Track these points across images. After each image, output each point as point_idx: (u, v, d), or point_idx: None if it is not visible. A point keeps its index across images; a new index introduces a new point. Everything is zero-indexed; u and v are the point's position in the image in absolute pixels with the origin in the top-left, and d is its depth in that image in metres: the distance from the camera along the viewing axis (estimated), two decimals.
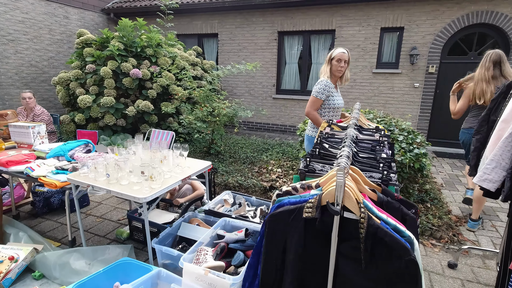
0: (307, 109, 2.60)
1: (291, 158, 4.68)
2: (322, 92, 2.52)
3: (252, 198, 2.84)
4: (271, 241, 1.06)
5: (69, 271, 2.26)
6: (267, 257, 1.06)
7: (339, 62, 2.51)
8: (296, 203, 1.04)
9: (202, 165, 2.56)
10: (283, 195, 1.18)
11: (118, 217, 3.18)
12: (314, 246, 1.03)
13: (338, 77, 2.62)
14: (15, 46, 6.51)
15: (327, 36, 6.49)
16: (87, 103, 4.60)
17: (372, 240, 0.92)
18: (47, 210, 3.22)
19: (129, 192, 2.00)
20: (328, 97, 2.56)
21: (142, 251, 2.59)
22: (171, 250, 2.07)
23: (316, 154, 1.48)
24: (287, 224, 1.03)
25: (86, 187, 2.12)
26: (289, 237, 1.03)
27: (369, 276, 0.96)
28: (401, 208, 1.05)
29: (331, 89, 2.55)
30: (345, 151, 1.09)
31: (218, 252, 1.97)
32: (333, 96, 2.57)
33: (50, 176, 2.35)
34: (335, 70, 2.55)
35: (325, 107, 2.59)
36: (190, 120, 4.17)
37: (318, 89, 2.54)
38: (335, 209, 0.93)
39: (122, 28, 4.82)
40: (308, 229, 1.02)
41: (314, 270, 1.04)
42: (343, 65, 2.53)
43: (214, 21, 7.31)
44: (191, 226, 2.42)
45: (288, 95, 7.00)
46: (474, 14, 5.31)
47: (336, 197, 0.95)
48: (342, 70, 2.55)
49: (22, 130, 2.99)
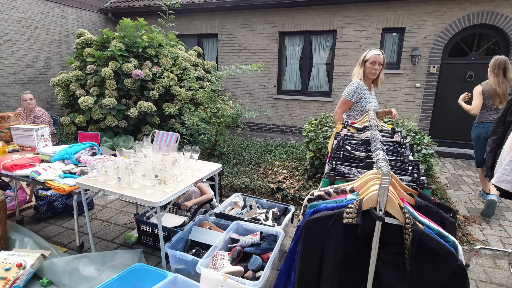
0: (336, 109, 2.55)
1: (295, 159, 4.66)
2: (353, 94, 2.44)
3: (262, 200, 2.81)
4: (307, 248, 1.03)
5: (78, 278, 2.20)
6: (303, 264, 1.03)
7: (373, 64, 2.41)
8: (333, 208, 1.01)
9: (213, 168, 2.52)
10: (315, 200, 1.15)
11: (124, 221, 3.11)
12: (352, 252, 1.01)
13: (371, 79, 2.52)
14: (12, 46, 6.38)
15: (328, 37, 6.49)
16: (88, 104, 4.51)
17: (417, 246, 0.89)
18: (51, 215, 3.14)
19: (142, 196, 1.95)
20: (360, 99, 2.46)
21: (152, 256, 2.54)
22: (185, 255, 2.03)
23: (340, 157, 1.45)
24: (325, 230, 1.00)
25: (97, 191, 2.07)
26: (327, 243, 1.00)
27: (412, 283, 0.93)
28: (440, 212, 1.03)
29: (364, 91, 2.46)
30: (380, 154, 1.07)
31: (235, 257, 1.93)
32: (365, 99, 2.46)
33: (57, 180, 2.29)
34: (369, 72, 2.45)
35: (356, 109, 2.50)
36: (194, 121, 4.12)
37: (349, 90, 2.46)
38: (379, 214, 0.90)
39: (124, 28, 4.75)
40: (346, 235, 0.99)
41: (353, 277, 1.01)
42: (377, 68, 2.42)
43: (215, 21, 7.26)
44: (203, 229, 2.38)
45: (289, 96, 6.99)
46: (475, 15, 5.36)
47: (378, 202, 0.92)
48: (376, 73, 2.44)
49: (25, 132, 2.92)
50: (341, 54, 6.35)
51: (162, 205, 1.91)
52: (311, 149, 3.60)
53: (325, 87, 6.77)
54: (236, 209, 2.70)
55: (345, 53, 6.33)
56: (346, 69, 6.38)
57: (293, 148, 5.30)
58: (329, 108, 6.67)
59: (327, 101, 6.66)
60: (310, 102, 6.83)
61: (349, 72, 6.36)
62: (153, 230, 2.58)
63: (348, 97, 2.47)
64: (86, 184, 2.12)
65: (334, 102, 6.61)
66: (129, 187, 2.07)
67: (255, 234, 2.12)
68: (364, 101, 2.46)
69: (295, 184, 3.68)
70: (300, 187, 3.58)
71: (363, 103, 2.46)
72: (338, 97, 6.56)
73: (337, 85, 6.53)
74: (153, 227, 2.57)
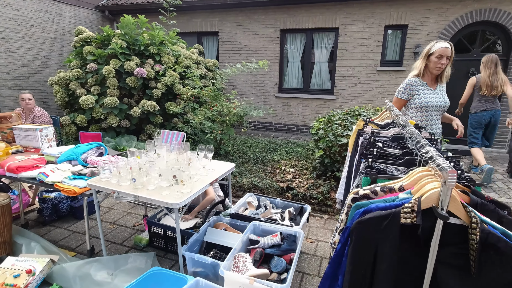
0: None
1: (301, 157, 4.61)
2: (403, 92, 2.33)
3: (276, 200, 2.74)
4: (358, 250, 0.97)
5: (90, 283, 2.11)
6: (354, 267, 0.97)
7: (439, 58, 2.16)
8: (387, 208, 0.95)
9: (227, 167, 2.45)
10: (360, 199, 1.09)
11: (133, 223, 3.03)
12: (407, 253, 0.95)
13: (435, 74, 2.30)
14: (6, 44, 6.19)
15: (330, 34, 6.45)
16: (89, 103, 4.39)
17: (482, 246, 0.84)
18: (56, 218, 3.04)
19: (159, 197, 1.87)
20: (413, 96, 2.32)
21: (165, 259, 2.46)
22: (204, 257, 1.96)
23: (375, 154, 1.39)
24: (379, 231, 0.94)
25: (111, 193, 1.98)
26: (381, 244, 0.95)
27: (474, 284, 0.88)
28: (497, 210, 0.98)
29: (418, 87, 2.29)
30: (431, 151, 1.01)
31: (257, 259, 1.87)
32: (419, 95, 2.29)
33: (66, 182, 2.19)
34: (433, 67, 2.22)
35: (410, 106, 2.36)
36: (200, 120, 4.04)
37: (400, 88, 2.37)
38: (443, 214, 0.84)
39: (125, 25, 4.63)
40: (402, 235, 0.93)
41: (408, 278, 0.96)
42: (444, 62, 2.17)
43: (215, 19, 7.16)
44: (218, 231, 2.31)
45: (291, 94, 6.93)
46: (478, 12, 5.37)
47: (441, 201, 0.86)
48: (442, 67, 2.20)
49: (28, 133, 2.81)
50: (343, 51, 6.32)
51: (180, 206, 1.84)
52: (320, 147, 3.55)
53: (328, 85, 6.73)
54: (250, 209, 2.64)
55: (347, 51, 6.29)
56: (348, 67, 6.35)
57: (298, 147, 5.24)
58: (331, 106, 6.64)
59: (329, 99, 6.62)
60: (313, 100, 6.79)
61: (352, 69, 6.34)
62: (165, 232, 2.50)
63: (399, 95, 2.36)
64: (98, 186, 2.03)
65: (336, 100, 6.58)
66: (144, 188, 1.99)
67: (275, 235, 2.06)
68: (417, 97, 2.29)
69: (305, 182, 3.63)
70: (310, 186, 3.53)
71: (416, 99, 2.30)
72: (341, 94, 6.53)
73: (339, 82, 6.50)
74: (165, 229, 2.49)
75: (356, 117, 3.54)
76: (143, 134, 4.98)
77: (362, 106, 3.82)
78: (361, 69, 6.26)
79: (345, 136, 3.31)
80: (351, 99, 6.46)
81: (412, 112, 2.38)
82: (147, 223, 2.56)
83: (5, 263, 2.08)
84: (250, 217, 2.40)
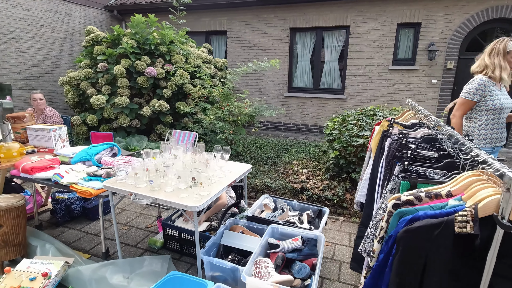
0: (453, 112, 2.23)
1: (313, 158, 4.53)
2: (475, 92, 2.13)
3: (293, 202, 2.68)
4: (406, 261, 0.90)
5: (106, 286, 2.07)
6: (401, 279, 0.90)
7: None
8: (437, 216, 0.88)
9: (243, 168, 2.39)
10: (402, 206, 1.02)
11: (146, 224, 2.99)
12: (458, 265, 0.88)
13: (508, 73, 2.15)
14: (17, 44, 6.22)
15: (341, 33, 6.35)
16: (100, 103, 4.37)
17: None
18: (69, 218, 3.01)
19: (177, 200, 1.82)
20: (484, 98, 2.13)
21: (180, 262, 2.41)
22: (223, 262, 1.90)
23: (409, 157, 1.32)
24: (429, 240, 0.87)
25: (129, 194, 1.94)
26: (431, 255, 0.88)
27: None
28: None
29: (489, 87, 2.11)
30: (482, 154, 0.94)
31: (279, 264, 1.80)
32: (491, 96, 2.12)
33: (82, 183, 2.15)
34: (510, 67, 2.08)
35: (481, 109, 2.18)
36: (212, 120, 3.99)
37: (469, 89, 2.15)
38: (506, 223, 0.77)
39: (135, 24, 4.61)
40: (456, 245, 0.86)
41: None
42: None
43: (223, 18, 7.11)
44: (236, 234, 2.25)
45: (301, 93, 6.85)
46: (494, 9, 5.23)
47: (501, 209, 0.79)
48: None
49: (42, 133, 2.78)
50: (355, 50, 6.22)
51: (200, 209, 1.79)
52: (335, 147, 3.47)
53: (338, 84, 6.63)
54: (267, 212, 2.58)
55: (358, 49, 6.19)
56: (359, 66, 6.25)
57: (309, 147, 5.17)
58: (342, 106, 6.54)
59: (340, 98, 6.53)
60: (322, 100, 6.70)
61: (363, 68, 6.23)
62: (180, 235, 2.45)
63: (469, 96, 2.15)
64: (115, 188, 1.99)
65: (347, 100, 6.48)
66: (162, 190, 1.94)
67: (296, 239, 1.99)
68: (490, 98, 2.11)
69: (319, 184, 3.56)
70: (325, 187, 3.46)
71: (489, 101, 2.12)
72: (352, 94, 6.43)
73: (350, 82, 6.40)
74: (181, 231, 2.44)
75: (371, 117, 3.45)
76: (153, 134, 4.95)
77: (377, 106, 3.73)
78: (372, 68, 6.16)
79: (361, 136, 3.22)
80: (362, 99, 6.36)
81: (482, 115, 2.19)
82: (162, 225, 2.52)
83: (21, 266, 2.05)
84: (268, 220, 2.33)
